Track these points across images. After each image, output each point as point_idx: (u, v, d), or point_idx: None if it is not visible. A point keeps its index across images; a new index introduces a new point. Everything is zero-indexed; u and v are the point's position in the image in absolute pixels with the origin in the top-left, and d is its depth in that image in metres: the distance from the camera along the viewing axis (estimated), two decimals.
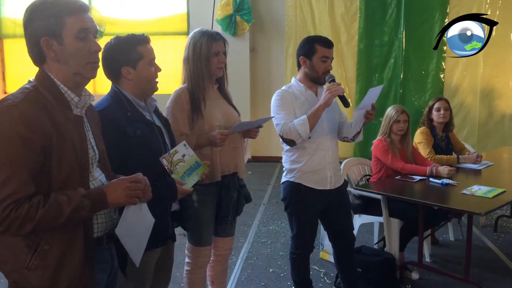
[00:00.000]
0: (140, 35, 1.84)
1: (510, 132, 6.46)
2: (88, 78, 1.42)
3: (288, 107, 2.50)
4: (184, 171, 1.85)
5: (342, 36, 6.76)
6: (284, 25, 6.97)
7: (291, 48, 6.79)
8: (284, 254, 3.68)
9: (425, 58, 6.55)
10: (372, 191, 3.17)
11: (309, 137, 2.46)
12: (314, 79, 2.56)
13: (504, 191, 2.89)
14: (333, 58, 2.57)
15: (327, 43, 2.51)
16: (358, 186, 3.43)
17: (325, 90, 2.43)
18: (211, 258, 2.49)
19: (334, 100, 2.49)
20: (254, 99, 7.14)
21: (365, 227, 3.81)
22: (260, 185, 5.85)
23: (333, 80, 2.49)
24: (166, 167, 1.79)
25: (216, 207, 2.34)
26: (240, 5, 6.64)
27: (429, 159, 3.56)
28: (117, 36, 1.86)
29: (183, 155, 1.85)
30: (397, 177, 3.29)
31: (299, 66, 2.60)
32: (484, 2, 6.29)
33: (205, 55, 2.24)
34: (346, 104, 2.49)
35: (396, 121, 3.39)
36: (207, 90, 2.30)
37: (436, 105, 3.81)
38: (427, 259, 3.50)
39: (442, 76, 6.60)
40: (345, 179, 2.80)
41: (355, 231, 2.94)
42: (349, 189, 3.10)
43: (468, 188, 2.94)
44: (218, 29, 6.51)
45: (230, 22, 6.74)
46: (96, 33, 1.41)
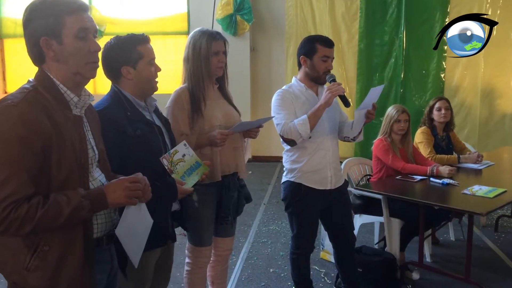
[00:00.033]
0: (140, 35, 1.83)
1: (511, 132, 6.45)
2: (88, 78, 1.41)
3: (289, 107, 2.50)
4: (184, 171, 1.84)
5: (343, 36, 6.76)
6: (285, 25, 6.97)
7: (292, 48, 6.78)
8: (285, 254, 3.68)
9: (426, 58, 6.55)
10: (373, 191, 3.16)
11: (310, 137, 2.46)
12: (315, 79, 2.55)
13: (505, 191, 2.88)
14: (334, 58, 2.57)
15: (328, 43, 2.51)
16: (359, 186, 3.42)
17: (326, 90, 2.43)
18: (211, 258, 2.49)
19: (335, 100, 2.48)
20: (255, 99, 7.14)
21: (366, 227, 3.81)
22: (261, 185, 5.84)
23: (334, 80, 2.48)
24: (166, 167, 1.78)
25: (217, 207, 2.34)
26: (241, 5, 6.64)
27: (430, 159, 3.55)
28: (117, 36, 1.86)
29: (183, 155, 1.84)
30: (398, 177, 3.28)
31: (300, 66, 2.59)
32: (485, 2, 6.29)
33: (205, 55, 2.24)
34: (347, 104, 2.48)
35: (397, 121, 3.39)
36: (207, 90, 2.30)
37: (437, 105, 3.80)
38: (428, 259, 3.49)
39: (443, 76, 6.59)
40: (346, 179, 2.79)
41: (356, 231, 2.93)
42: (350, 189, 3.10)
43: (469, 188, 2.93)
44: (219, 29, 6.51)
45: (231, 22, 6.74)
46: (96, 33, 1.40)
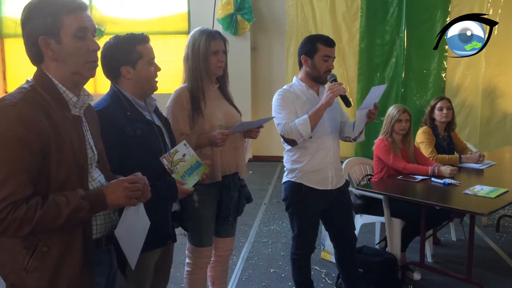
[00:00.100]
0: (140, 34, 1.82)
1: None
2: (87, 78, 1.40)
3: (290, 107, 2.49)
4: (185, 171, 1.83)
5: (343, 35, 6.75)
6: (285, 24, 6.96)
7: (292, 47, 6.78)
8: (285, 254, 3.67)
9: (427, 57, 6.54)
10: (374, 191, 3.15)
11: (311, 137, 2.45)
12: (316, 78, 2.54)
13: (507, 191, 2.87)
14: (335, 57, 2.56)
15: (329, 42, 2.49)
16: (360, 186, 3.42)
17: (327, 90, 2.42)
18: (212, 259, 2.48)
19: (336, 100, 2.47)
20: (255, 99, 7.13)
21: (367, 227, 3.80)
22: (261, 185, 5.83)
23: (335, 80, 2.47)
24: (167, 167, 1.78)
25: (217, 207, 2.33)
26: (241, 4, 6.63)
27: (431, 159, 3.54)
28: (117, 36, 1.85)
29: (184, 155, 1.83)
30: (399, 177, 3.27)
31: (301, 65, 2.58)
32: (486, 1, 6.28)
33: (204, 54, 2.23)
34: (348, 104, 2.47)
35: (398, 121, 3.37)
36: (207, 89, 2.29)
37: (438, 105, 3.79)
38: (429, 259, 3.48)
39: (444, 75, 6.58)
40: (347, 179, 2.78)
41: (357, 231, 2.93)
42: (351, 189, 3.09)
43: (471, 188, 2.92)
44: (219, 29, 6.50)
45: (231, 21, 6.73)
46: (95, 32, 1.39)
